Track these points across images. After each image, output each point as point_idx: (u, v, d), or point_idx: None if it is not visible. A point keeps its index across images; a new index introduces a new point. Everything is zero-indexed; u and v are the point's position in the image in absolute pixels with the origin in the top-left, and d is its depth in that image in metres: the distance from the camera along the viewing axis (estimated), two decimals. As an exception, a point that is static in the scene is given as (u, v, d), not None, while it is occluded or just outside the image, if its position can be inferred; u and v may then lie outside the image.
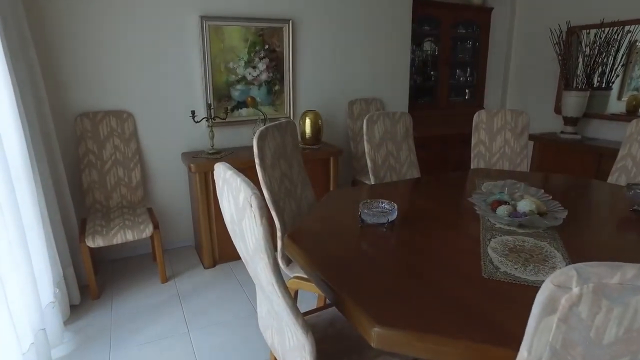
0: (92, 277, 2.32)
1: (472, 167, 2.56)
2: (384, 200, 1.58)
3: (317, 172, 2.97)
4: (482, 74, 4.31)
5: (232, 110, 3.01)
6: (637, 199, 1.74)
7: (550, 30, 3.72)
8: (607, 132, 3.45)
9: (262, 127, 1.73)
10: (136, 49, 2.67)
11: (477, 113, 2.56)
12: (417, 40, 4.03)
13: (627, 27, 3.27)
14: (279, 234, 1.72)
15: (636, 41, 3.27)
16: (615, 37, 3.31)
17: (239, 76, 2.98)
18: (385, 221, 1.47)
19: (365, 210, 1.50)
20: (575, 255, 1.33)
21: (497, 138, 2.53)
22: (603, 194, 2.04)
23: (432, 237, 1.46)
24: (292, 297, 0.98)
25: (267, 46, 3.02)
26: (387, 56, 3.53)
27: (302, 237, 1.45)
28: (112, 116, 2.66)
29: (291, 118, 3.19)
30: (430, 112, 4.11)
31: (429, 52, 4.17)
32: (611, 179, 2.30)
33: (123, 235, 2.33)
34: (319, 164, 2.96)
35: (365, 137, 2.23)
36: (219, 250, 2.76)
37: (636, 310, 0.52)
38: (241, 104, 3.03)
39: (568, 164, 3.28)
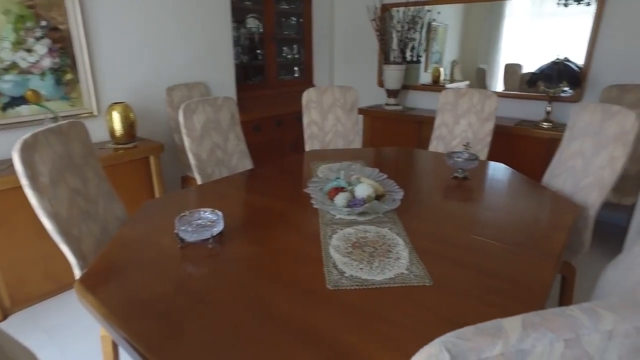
0: None
1: (306, 149, 2.45)
2: (206, 210, 1.30)
3: (136, 174, 2.50)
4: (309, 51, 4.27)
5: (5, 108, 2.30)
6: (456, 167, 1.83)
7: (367, 8, 3.84)
8: (422, 101, 3.76)
9: (27, 135, 1.26)
10: None
11: (305, 92, 2.44)
12: (239, 16, 3.74)
13: (427, 7, 3.55)
14: (76, 272, 1.30)
15: (433, 20, 3.60)
16: (419, 15, 3.57)
17: (7, 63, 2.27)
18: (210, 236, 1.20)
19: (183, 227, 1.20)
20: (415, 237, 1.28)
21: (328, 116, 2.46)
22: (427, 163, 2.13)
23: (268, 245, 1.24)
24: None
25: (44, 22, 2.35)
26: (207, 34, 3.16)
27: (100, 277, 1.08)
28: None
29: (96, 113, 2.61)
30: (262, 93, 3.91)
31: (254, 29, 3.92)
32: (431, 147, 2.45)
33: None
34: (137, 165, 2.49)
35: (183, 129, 1.89)
36: (12, 294, 2.11)
37: (521, 379, 0.37)
38: (18, 100, 2.33)
39: (395, 134, 3.47)
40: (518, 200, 1.63)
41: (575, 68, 2.84)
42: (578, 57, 2.92)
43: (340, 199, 1.42)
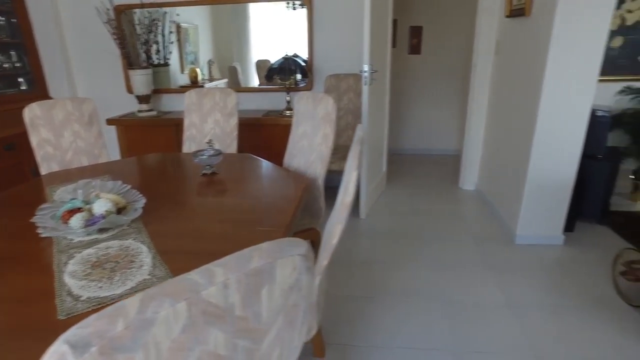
0: None
1: (42, 172, 2.15)
2: None
3: None
4: (36, 58, 3.68)
5: None
6: (202, 164, 1.92)
7: (98, 10, 3.54)
8: (180, 103, 3.74)
9: None
10: None
11: (27, 108, 2.12)
12: None
13: (164, 8, 3.51)
14: None
15: (173, 21, 3.58)
16: (158, 17, 3.51)
17: None
18: None
19: None
20: (160, 241, 1.30)
21: (63, 133, 2.20)
22: (179, 165, 2.16)
23: (-18, 294, 1.07)
24: None
25: None
26: None
27: None
28: None
29: None
30: (-22, 113, 3.19)
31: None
32: (185, 148, 2.49)
33: None
34: None
35: None
36: None
37: (157, 342, 0.44)
38: None
39: (153, 141, 3.36)
40: (261, 184, 1.83)
41: (302, 62, 3.30)
42: (305, 53, 3.41)
43: (76, 220, 1.32)
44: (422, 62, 4.63)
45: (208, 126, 2.44)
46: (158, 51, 3.62)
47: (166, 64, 3.69)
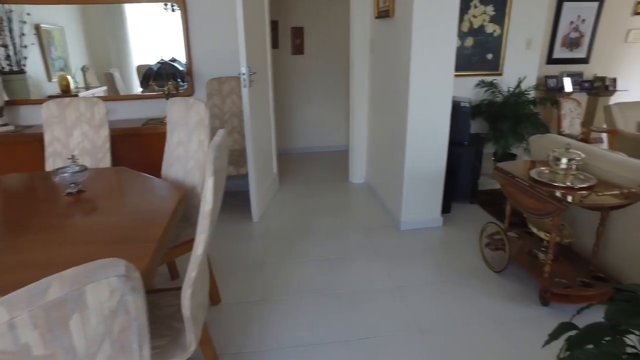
0: None
1: None
2: None
3: None
4: None
5: None
6: (65, 182, 1.73)
7: None
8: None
9: None
10: None
11: None
12: None
13: (8, 6, 3.10)
14: None
15: (40, 24, 3.19)
16: (4, 16, 3.09)
17: None
18: None
19: None
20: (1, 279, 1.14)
21: None
22: (41, 185, 1.93)
23: None
24: None
25: None
26: None
27: None
28: None
29: None
30: None
31: None
32: (48, 166, 2.23)
33: None
34: None
35: None
36: None
37: None
38: None
39: (11, 160, 2.96)
40: (135, 198, 1.71)
41: (180, 66, 3.17)
42: (183, 57, 3.26)
43: None
44: (306, 62, 4.74)
45: (75, 140, 2.21)
46: (8, 56, 3.19)
47: (21, 71, 3.27)
